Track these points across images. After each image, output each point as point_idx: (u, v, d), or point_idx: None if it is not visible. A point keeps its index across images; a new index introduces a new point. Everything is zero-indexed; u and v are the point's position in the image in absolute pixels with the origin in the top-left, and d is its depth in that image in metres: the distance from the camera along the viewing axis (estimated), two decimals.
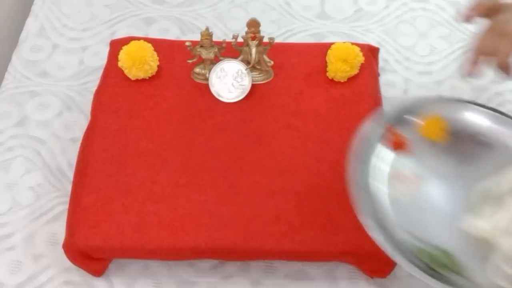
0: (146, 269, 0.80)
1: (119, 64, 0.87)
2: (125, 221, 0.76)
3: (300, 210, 0.77)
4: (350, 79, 0.88)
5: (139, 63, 0.86)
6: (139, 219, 0.76)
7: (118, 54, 0.87)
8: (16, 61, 1.00)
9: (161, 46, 0.90)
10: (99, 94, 0.88)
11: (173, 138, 0.83)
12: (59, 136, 0.92)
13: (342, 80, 0.88)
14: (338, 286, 0.79)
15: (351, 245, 0.74)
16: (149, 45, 0.88)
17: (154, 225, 0.75)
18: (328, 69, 0.88)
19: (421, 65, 1.02)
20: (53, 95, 0.96)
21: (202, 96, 0.87)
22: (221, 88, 0.87)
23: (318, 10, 1.10)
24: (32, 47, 1.02)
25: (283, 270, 0.80)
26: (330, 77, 0.88)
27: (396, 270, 0.78)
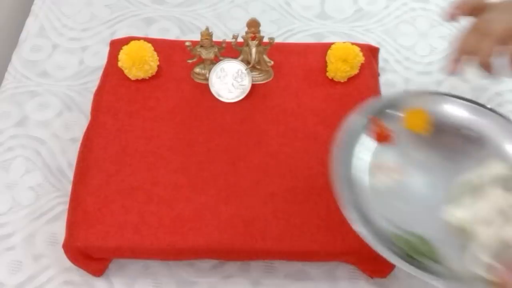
0: (146, 269, 0.80)
1: (119, 64, 0.87)
2: (125, 221, 0.76)
3: (300, 210, 0.77)
4: (350, 79, 0.88)
5: (139, 63, 0.85)
6: (139, 219, 0.76)
7: (118, 54, 0.87)
8: (16, 61, 1.00)
9: (161, 46, 0.90)
10: (99, 94, 0.88)
11: (173, 138, 0.83)
12: (59, 136, 0.92)
13: (342, 80, 0.88)
14: (338, 286, 0.79)
15: (351, 245, 0.74)
16: (149, 45, 0.88)
17: (154, 225, 0.75)
18: (328, 69, 0.88)
19: (421, 65, 1.02)
20: (53, 95, 0.96)
21: (202, 96, 0.87)
22: (221, 88, 0.87)
23: (318, 10, 1.10)
24: (32, 47, 1.02)
25: (283, 270, 0.80)
26: (330, 77, 0.88)
27: (396, 270, 0.78)
